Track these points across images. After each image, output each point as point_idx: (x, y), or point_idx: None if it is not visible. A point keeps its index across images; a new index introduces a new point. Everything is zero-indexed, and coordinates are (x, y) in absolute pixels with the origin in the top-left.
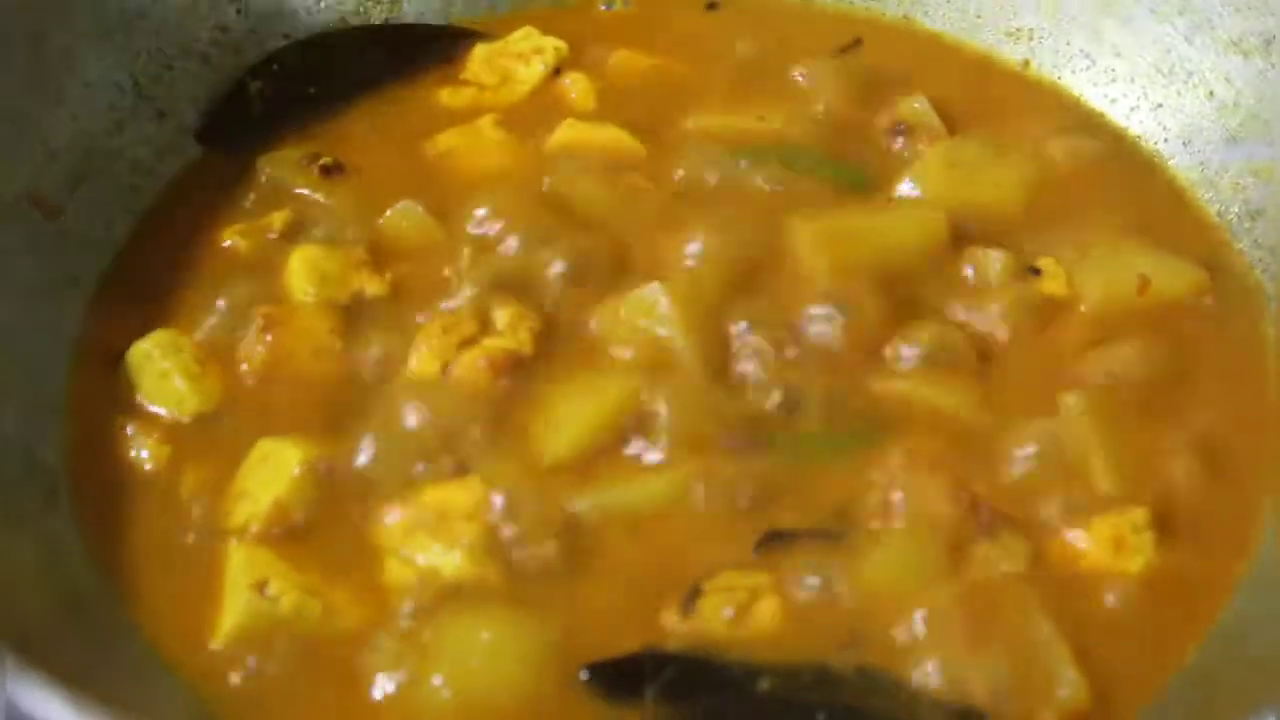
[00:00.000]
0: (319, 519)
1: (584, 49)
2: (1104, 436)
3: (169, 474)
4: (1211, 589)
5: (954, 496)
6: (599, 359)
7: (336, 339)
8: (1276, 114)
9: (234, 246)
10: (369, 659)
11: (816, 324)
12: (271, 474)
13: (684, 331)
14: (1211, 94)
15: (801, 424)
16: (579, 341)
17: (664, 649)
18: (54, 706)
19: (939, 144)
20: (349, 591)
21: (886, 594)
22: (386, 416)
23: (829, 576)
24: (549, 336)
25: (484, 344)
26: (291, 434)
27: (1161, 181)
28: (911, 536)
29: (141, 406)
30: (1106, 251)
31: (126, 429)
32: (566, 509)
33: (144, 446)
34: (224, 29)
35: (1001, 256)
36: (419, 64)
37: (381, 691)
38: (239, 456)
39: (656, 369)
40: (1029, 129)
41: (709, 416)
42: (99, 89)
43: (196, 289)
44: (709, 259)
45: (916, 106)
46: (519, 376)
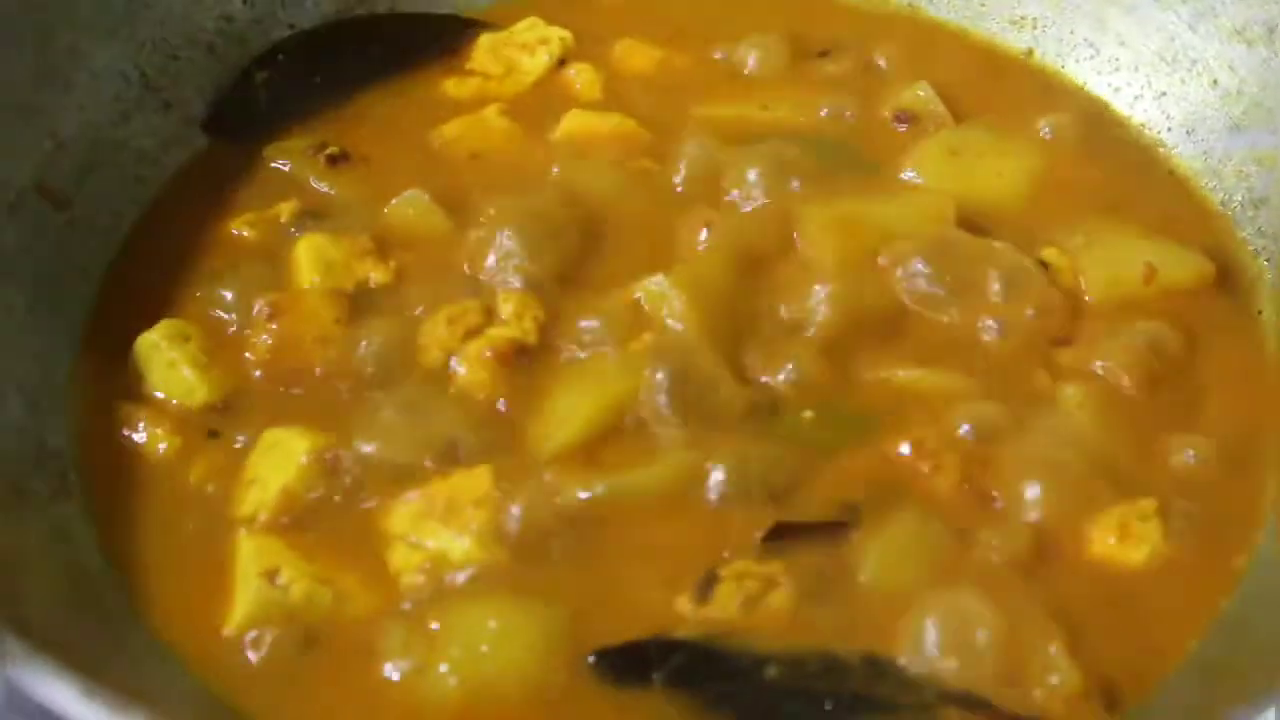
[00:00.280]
0: (327, 507)
1: (589, 38)
2: (1106, 427)
3: (178, 462)
4: (1214, 580)
5: (957, 487)
6: (605, 348)
7: (342, 328)
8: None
9: (241, 236)
10: (378, 646)
11: (823, 311)
12: (279, 462)
13: (690, 320)
14: (1215, 82)
15: (808, 413)
16: (585, 331)
17: (672, 636)
18: (61, 691)
19: (943, 132)
20: (358, 578)
21: (892, 583)
22: (393, 405)
23: (835, 566)
24: (554, 326)
25: (489, 333)
26: (299, 423)
27: (1165, 170)
28: (916, 526)
29: (150, 395)
30: (1111, 241)
31: (135, 417)
32: (573, 497)
33: (153, 434)
34: (229, 19)
35: (1005, 246)
36: (424, 54)
37: (390, 678)
38: (249, 445)
39: (663, 358)
40: (1033, 117)
41: (715, 405)
42: (105, 80)
43: (204, 279)
44: (715, 248)
45: (921, 95)
46: (524, 366)
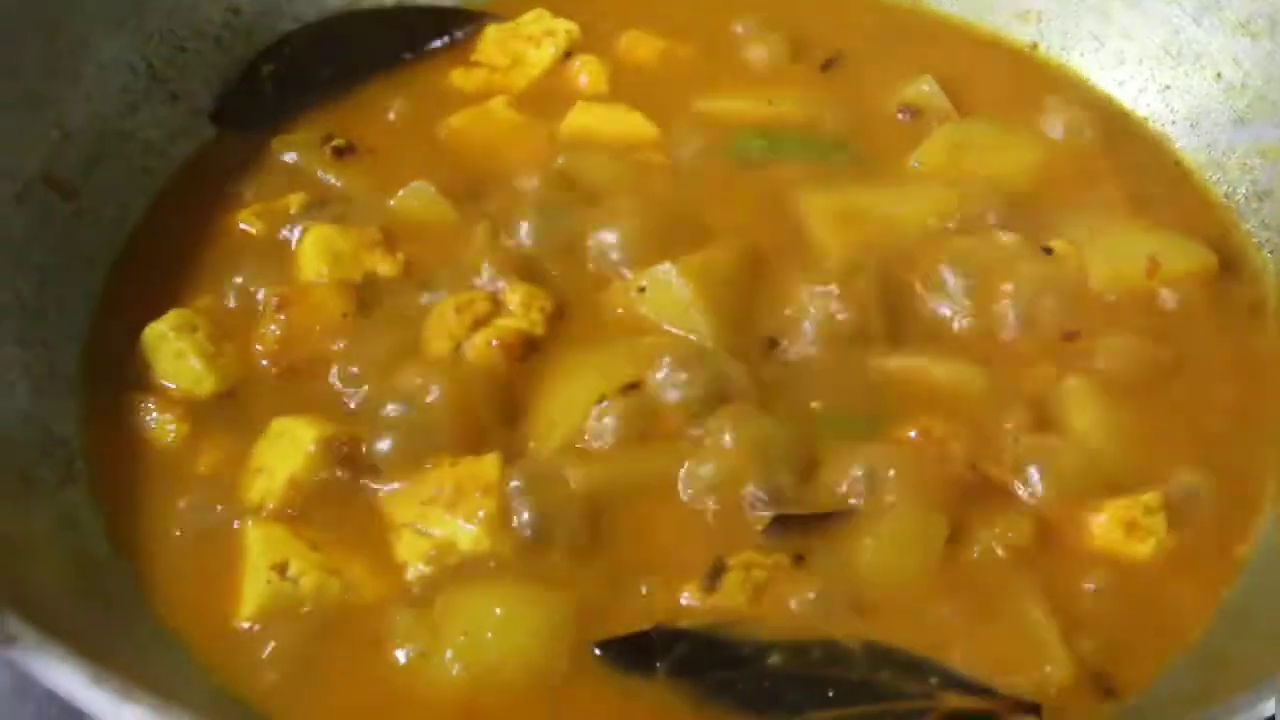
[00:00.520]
0: (334, 496)
1: (595, 31)
2: (1110, 419)
3: (185, 451)
4: (1216, 569)
5: (961, 476)
6: (611, 338)
7: (350, 318)
8: None
9: (249, 227)
10: (384, 634)
11: (828, 301)
12: (287, 451)
13: (697, 311)
14: (1219, 75)
15: (813, 402)
16: (591, 321)
17: (675, 625)
18: (69, 677)
19: (948, 125)
20: (365, 567)
21: (894, 572)
22: (400, 395)
23: (837, 555)
24: (561, 316)
25: (496, 324)
26: (306, 412)
27: (1169, 163)
28: (919, 515)
29: (158, 384)
30: (1115, 233)
31: (143, 406)
32: (579, 486)
33: (161, 423)
34: (236, 11)
35: (1010, 238)
36: (430, 46)
37: (396, 666)
38: (256, 434)
39: (670, 348)
40: (1037, 111)
41: (722, 395)
42: (113, 71)
43: (211, 269)
44: (721, 239)
45: (925, 89)
46: (531, 356)
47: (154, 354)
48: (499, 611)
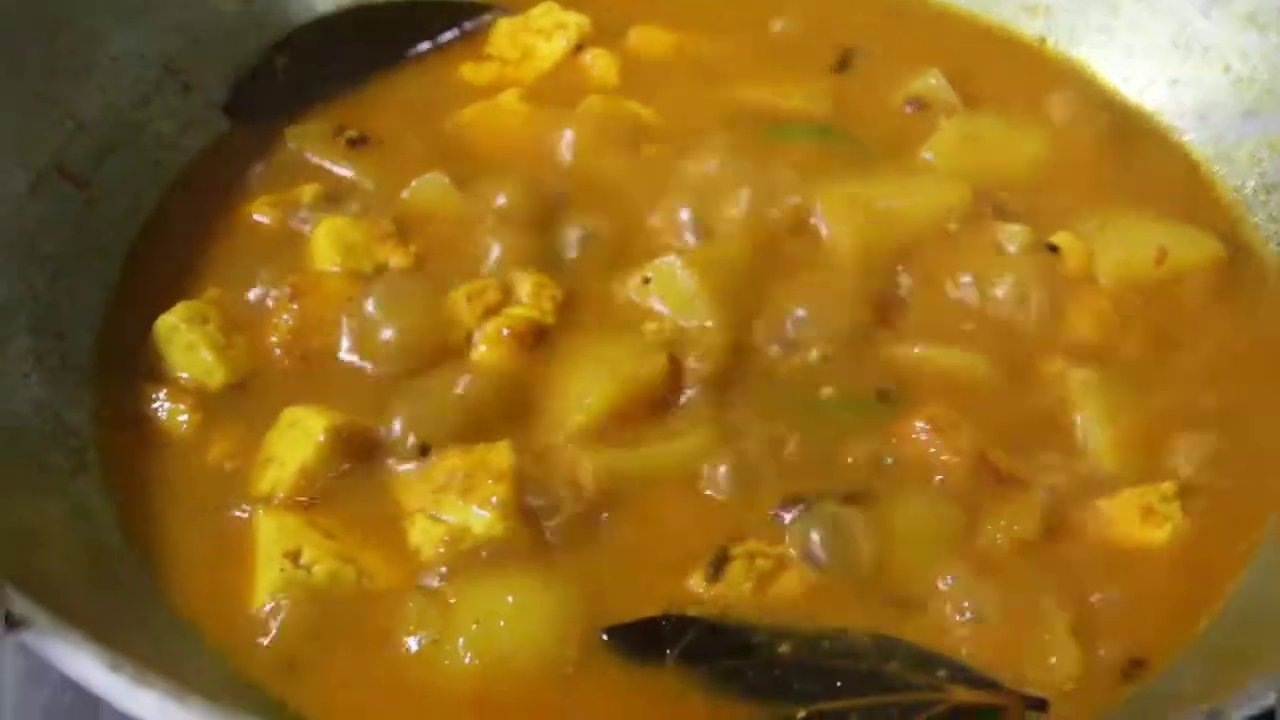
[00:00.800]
0: (345, 484)
1: (605, 24)
2: (1119, 409)
3: (197, 440)
4: (1225, 560)
5: (972, 466)
6: (620, 328)
7: (361, 308)
8: None
9: (262, 218)
10: (397, 621)
11: (836, 292)
12: (298, 440)
13: (703, 302)
14: (1228, 68)
15: (822, 390)
16: (600, 311)
17: (685, 613)
18: (86, 664)
19: (957, 118)
20: (378, 554)
21: (904, 561)
22: (411, 383)
23: (848, 543)
24: (571, 306)
25: (507, 312)
26: (317, 402)
27: (1178, 156)
28: (929, 504)
29: (170, 375)
30: (1123, 225)
31: (155, 397)
32: (589, 474)
33: (172, 413)
34: (248, 3)
35: (1018, 229)
36: (442, 39)
37: (408, 653)
38: (267, 424)
39: (676, 338)
40: (1046, 104)
41: (731, 384)
42: (125, 63)
43: (224, 260)
44: (730, 230)
45: (934, 82)
46: (542, 345)
47: (166, 346)
48: (510, 600)
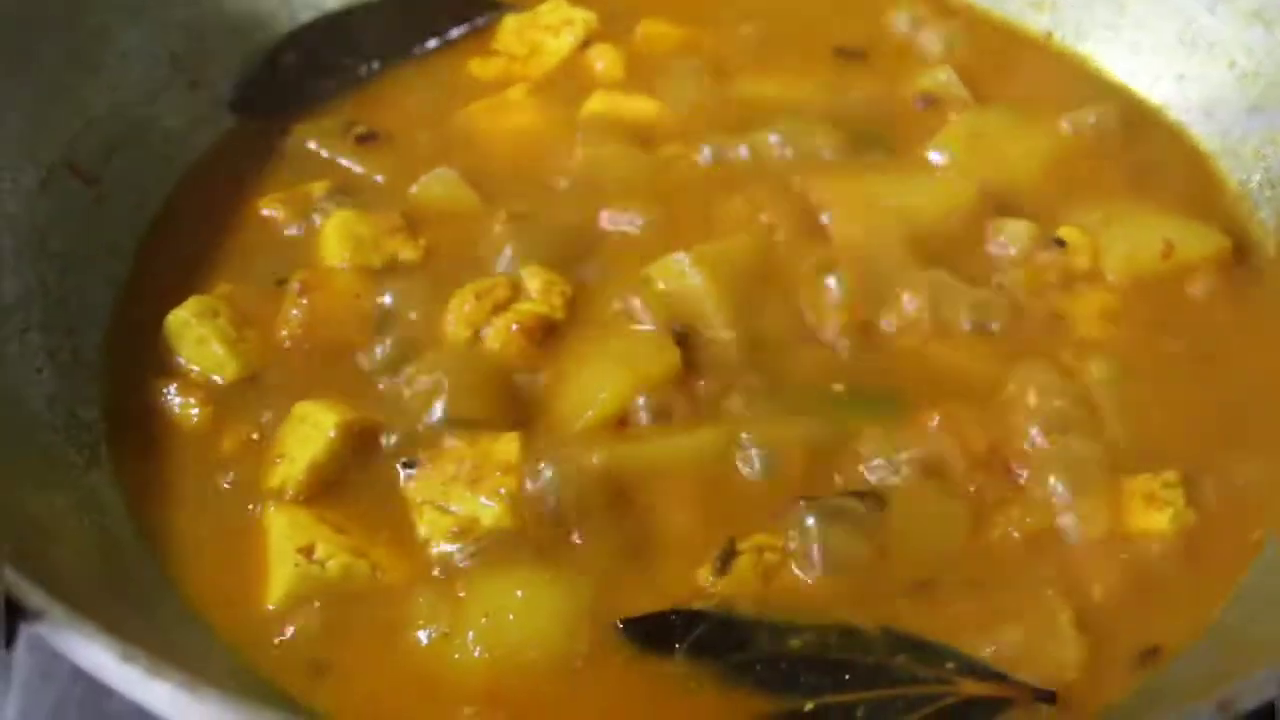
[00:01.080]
0: (356, 478)
1: (612, 20)
2: (1128, 401)
3: (207, 434)
4: (1234, 551)
5: (982, 460)
6: (630, 324)
7: (371, 303)
8: None
9: (271, 213)
10: (408, 615)
11: (844, 287)
12: (308, 435)
13: (711, 300)
14: (1233, 64)
15: (832, 386)
16: (610, 307)
17: (696, 607)
18: (98, 654)
19: (966, 114)
20: (389, 548)
21: (913, 555)
22: (421, 377)
23: (856, 537)
24: (580, 302)
25: (516, 308)
26: (327, 396)
27: (1184, 151)
28: (938, 498)
29: (181, 369)
30: (1130, 219)
31: (166, 391)
32: (600, 467)
33: (183, 408)
34: (256, 0)
35: (1026, 224)
36: (450, 35)
37: (419, 647)
38: (278, 418)
39: (685, 334)
40: (1053, 99)
41: (738, 379)
42: (134, 60)
43: (234, 255)
44: (737, 225)
45: (943, 78)
46: (551, 340)
47: (177, 340)
48: (520, 594)
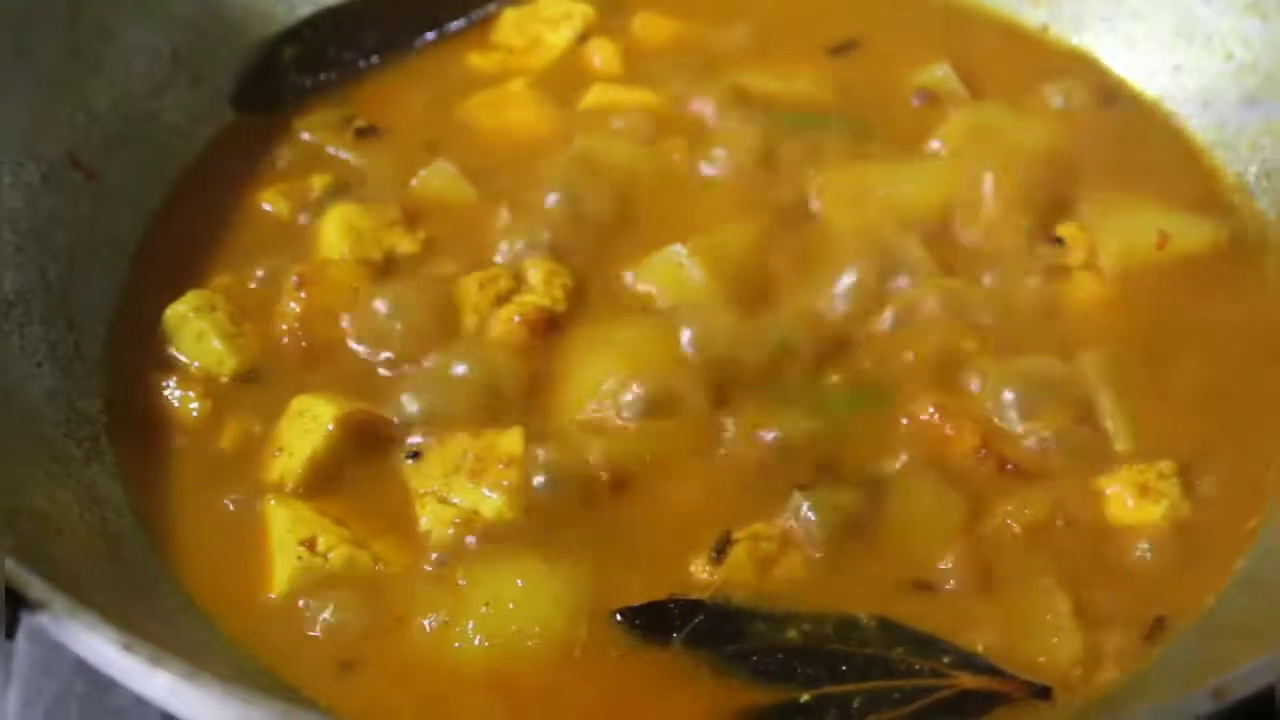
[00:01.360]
0: (356, 471)
1: (610, 13)
2: (1123, 392)
3: (208, 428)
4: (1229, 540)
5: (977, 451)
6: (630, 315)
7: (370, 296)
8: None
9: (271, 207)
10: (411, 604)
11: (840, 279)
12: (307, 428)
13: (709, 292)
14: (1230, 56)
15: (828, 378)
16: (611, 298)
17: (693, 596)
18: (101, 645)
19: (964, 109)
20: (392, 540)
21: (909, 547)
22: (422, 369)
23: (853, 529)
24: (581, 293)
25: (519, 300)
26: (327, 390)
27: (1180, 142)
28: (934, 490)
29: (181, 363)
30: (1126, 210)
31: (166, 384)
32: (600, 459)
33: (183, 401)
34: None
35: (1021, 218)
36: (449, 28)
37: (420, 636)
38: (277, 412)
39: (684, 325)
40: (1050, 92)
41: (739, 372)
42: (136, 55)
43: (234, 249)
44: (735, 217)
45: (939, 74)
46: (553, 331)
47: (176, 334)
48: (520, 584)
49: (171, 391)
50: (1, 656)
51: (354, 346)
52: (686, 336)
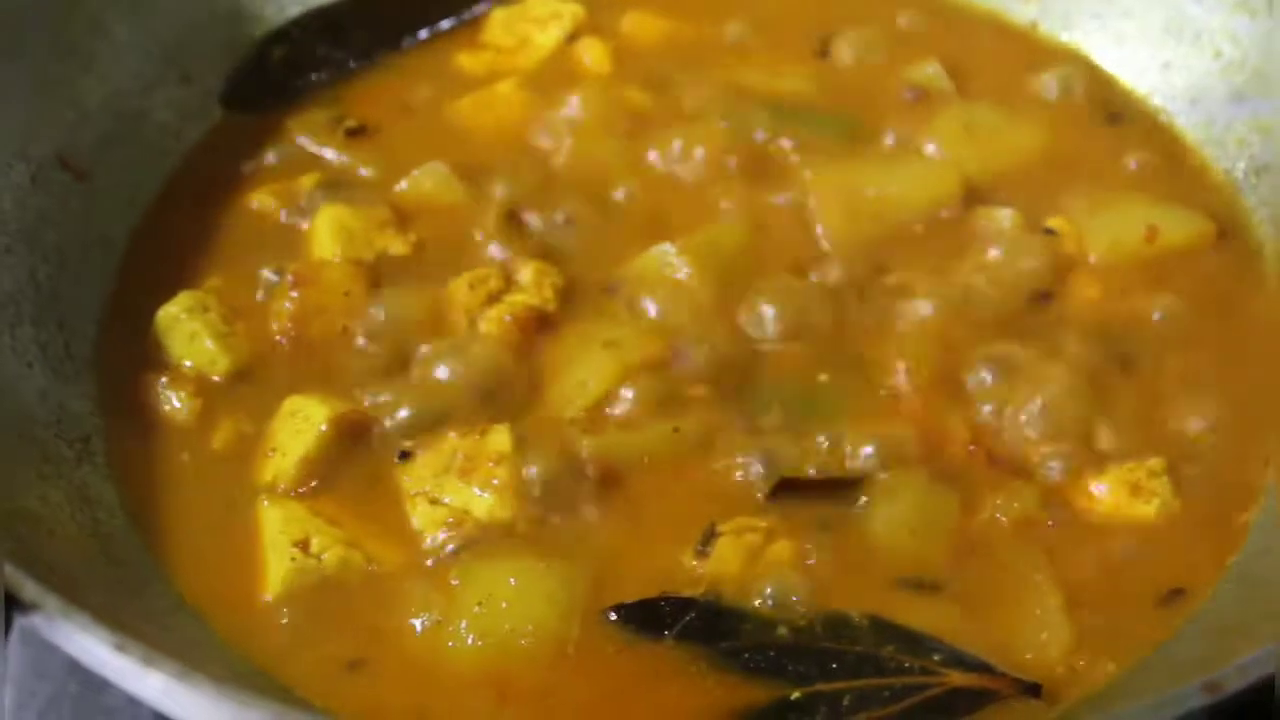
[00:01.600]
0: (348, 471)
1: (599, 13)
2: (1113, 387)
3: (199, 428)
4: (1222, 535)
5: (966, 447)
6: (619, 314)
7: (362, 297)
8: None
9: (262, 207)
10: (403, 603)
11: (831, 276)
12: (300, 429)
13: (699, 287)
14: (1218, 53)
15: (817, 375)
16: (600, 297)
17: (685, 594)
18: (93, 645)
19: (951, 105)
20: (382, 540)
21: (897, 543)
22: (413, 369)
23: (840, 524)
24: (571, 293)
25: (509, 299)
26: (319, 390)
27: (1169, 140)
28: (924, 487)
29: (172, 364)
30: (1115, 205)
31: (158, 385)
32: (590, 456)
33: (176, 402)
34: None
35: (1011, 214)
36: (438, 28)
37: (413, 636)
38: (269, 412)
39: (674, 323)
40: (1039, 89)
41: (725, 368)
42: (126, 54)
43: (225, 249)
44: (724, 215)
45: (929, 71)
46: (543, 330)
47: (167, 335)
48: (513, 582)
49: (163, 391)
50: None
51: (345, 346)
52: (676, 335)
